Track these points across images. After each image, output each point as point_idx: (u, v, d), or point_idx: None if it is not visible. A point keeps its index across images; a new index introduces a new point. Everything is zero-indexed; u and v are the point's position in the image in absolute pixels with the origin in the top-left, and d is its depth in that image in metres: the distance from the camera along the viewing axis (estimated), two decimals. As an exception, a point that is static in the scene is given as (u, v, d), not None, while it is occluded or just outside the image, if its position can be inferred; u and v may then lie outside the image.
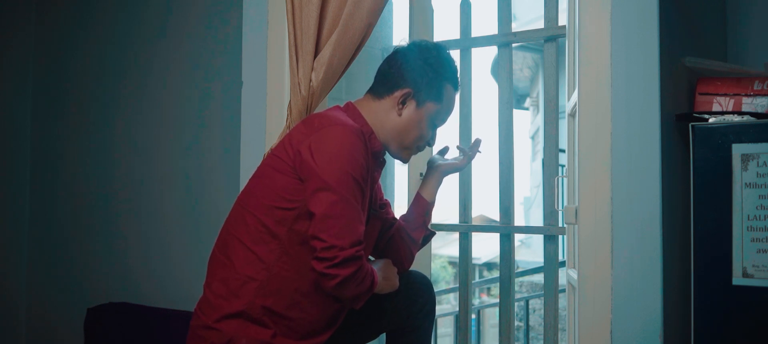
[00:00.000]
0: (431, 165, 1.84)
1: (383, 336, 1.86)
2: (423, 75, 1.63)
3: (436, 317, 1.87)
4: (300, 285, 1.50)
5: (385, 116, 1.64)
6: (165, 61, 2.69)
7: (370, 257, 1.73)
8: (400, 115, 1.63)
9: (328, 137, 1.48)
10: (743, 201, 1.57)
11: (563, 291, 2.96)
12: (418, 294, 1.74)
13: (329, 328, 1.58)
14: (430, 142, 1.73)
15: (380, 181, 1.83)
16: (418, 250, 1.85)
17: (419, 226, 1.81)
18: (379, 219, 1.74)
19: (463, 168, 1.85)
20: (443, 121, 1.70)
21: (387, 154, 1.73)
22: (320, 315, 1.54)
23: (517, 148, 2.45)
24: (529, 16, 8.61)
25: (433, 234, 1.90)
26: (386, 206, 1.82)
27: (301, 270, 1.49)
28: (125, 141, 2.77)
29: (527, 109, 10.78)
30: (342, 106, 1.68)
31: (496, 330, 2.55)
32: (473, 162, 2.53)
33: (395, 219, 1.83)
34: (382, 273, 1.63)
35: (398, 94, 1.62)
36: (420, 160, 2.41)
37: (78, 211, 2.86)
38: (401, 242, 1.79)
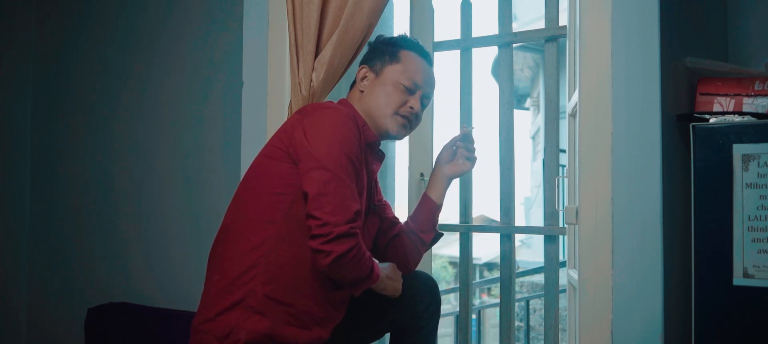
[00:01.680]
0: (437, 166, 1.84)
1: (387, 336, 1.85)
2: (372, 51, 1.74)
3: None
4: (299, 271, 1.51)
5: (359, 99, 1.70)
6: (165, 61, 2.69)
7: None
8: (363, 90, 1.70)
9: (321, 119, 1.53)
10: (744, 201, 1.57)
11: (564, 291, 2.96)
12: (423, 295, 1.73)
13: (332, 320, 1.58)
14: (414, 109, 1.68)
15: (380, 182, 1.83)
16: (425, 251, 1.86)
17: (429, 229, 1.81)
18: (377, 216, 1.74)
19: (468, 171, 1.85)
20: (414, 83, 1.67)
21: (386, 146, 1.73)
22: (322, 301, 1.54)
23: (517, 148, 2.45)
24: (529, 16, 8.60)
25: (441, 235, 1.90)
26: (386, 207, 1.82)
27: (299, 255, 1.50)
28: (125, 141, 2.77)
29: (528, 109, 10.77)
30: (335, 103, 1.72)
31: (497, 330, 2.55)
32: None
33: (396, 218, 1.83)
34: (385, 271, 1.63)
35: (359, 75, 1.72)
36: (421, 159, 2.41)
37: (78, 211, 2.86)
38: (409, 243, 1.78)
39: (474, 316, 4.85)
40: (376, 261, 1.57)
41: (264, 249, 1.49)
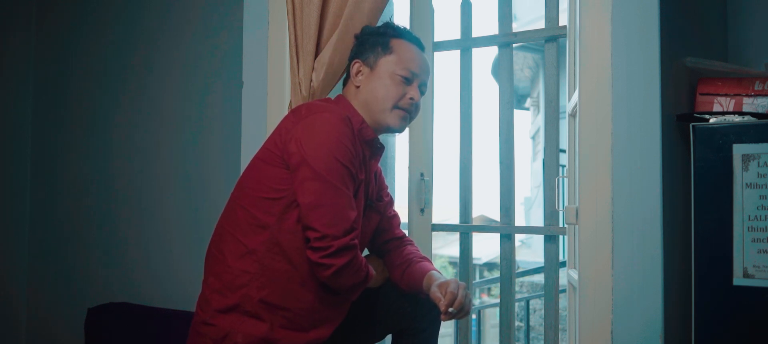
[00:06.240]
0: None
1: (388, 337, 1.85)
2: (362, 44, 1.69)
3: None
4: (293, 275, 1.50)
5: (355, 95, 1.66)
6: (165, 61, 2.69)
7: None
8: (359, 86, 1.65)
9: (315, 124, 1.50)
10: (744, 201, 1.57)
11: (564, 291, 2.96)
12: (425, 297, 1.73)
13: (330, 321, 1.57)
14: (414, 100, 1.63)
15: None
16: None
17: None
18: (378, 213, 1.73)
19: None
20: (411, 72, 1.63)
21: (385, 145, 1.71)
22: (317, 304, 1.54)
23: (517, 148, 2.46)
24: (529, 16, 8.60)
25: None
26: (388, 204, 1.80)
27: (292, 260, 1.50)
28: (125, 141, 2.77)
29: (528, 109, 10.77)
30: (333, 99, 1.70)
31: (497, 330, 2.55)
32: (473, 162, 2.55)
33: (396, 216, 1.82)
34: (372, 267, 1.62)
35: (353, 71, 1.67)
36: (421, 159, 2.41)
37: (78, 211, 2.86)
38: (418, 274, 1.68)
39: (474, 316, 4.85)
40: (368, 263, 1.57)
41: (258, 254, 1.49)
